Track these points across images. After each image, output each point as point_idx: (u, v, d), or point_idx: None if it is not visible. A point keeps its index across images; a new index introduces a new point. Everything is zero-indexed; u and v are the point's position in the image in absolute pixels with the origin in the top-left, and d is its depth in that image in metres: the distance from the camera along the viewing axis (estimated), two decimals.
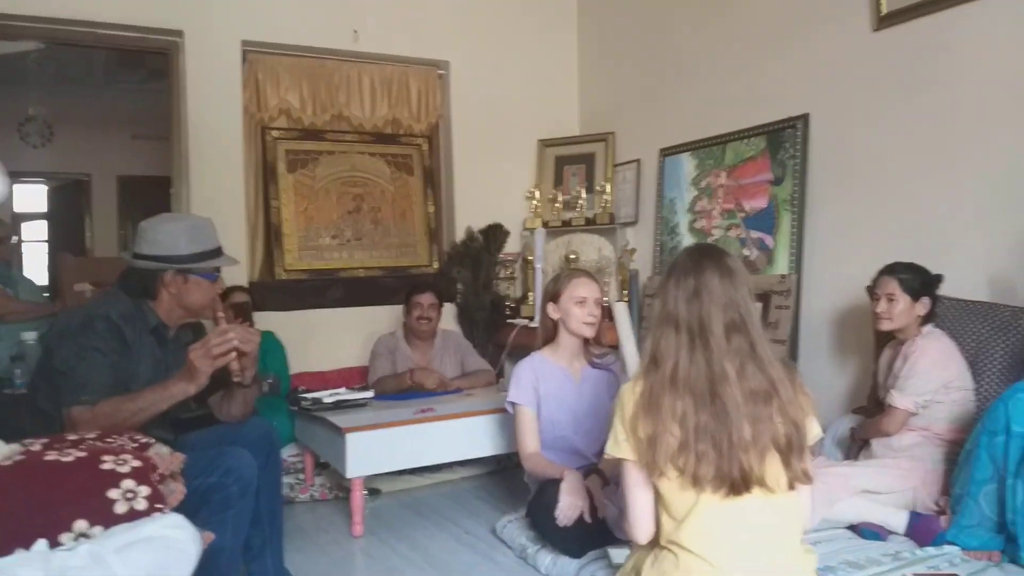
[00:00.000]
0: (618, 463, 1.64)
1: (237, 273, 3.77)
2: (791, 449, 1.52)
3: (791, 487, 1.54)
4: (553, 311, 2.60)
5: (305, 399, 3.19)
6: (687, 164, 3.97)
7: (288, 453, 3.44)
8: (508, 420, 2.97)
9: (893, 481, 2.42)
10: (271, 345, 3.66)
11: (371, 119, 4.36)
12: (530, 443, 2.55)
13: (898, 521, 2.32)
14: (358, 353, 4.09)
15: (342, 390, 3.27)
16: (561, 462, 2.52)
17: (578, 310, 2.55)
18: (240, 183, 4.01)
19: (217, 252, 2.13)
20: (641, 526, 1.63)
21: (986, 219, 2.75)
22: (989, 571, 2.05)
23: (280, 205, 4.12)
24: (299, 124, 4.24)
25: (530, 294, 4.33)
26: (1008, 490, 2.08)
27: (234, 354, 1.95)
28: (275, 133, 4.19)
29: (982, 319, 2.62)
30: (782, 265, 3.40)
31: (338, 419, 2.90)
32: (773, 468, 1.52)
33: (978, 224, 2.78)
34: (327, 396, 3.17)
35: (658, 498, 1.62)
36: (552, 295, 2.60)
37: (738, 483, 1.50)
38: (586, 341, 2.65)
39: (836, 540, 2.29)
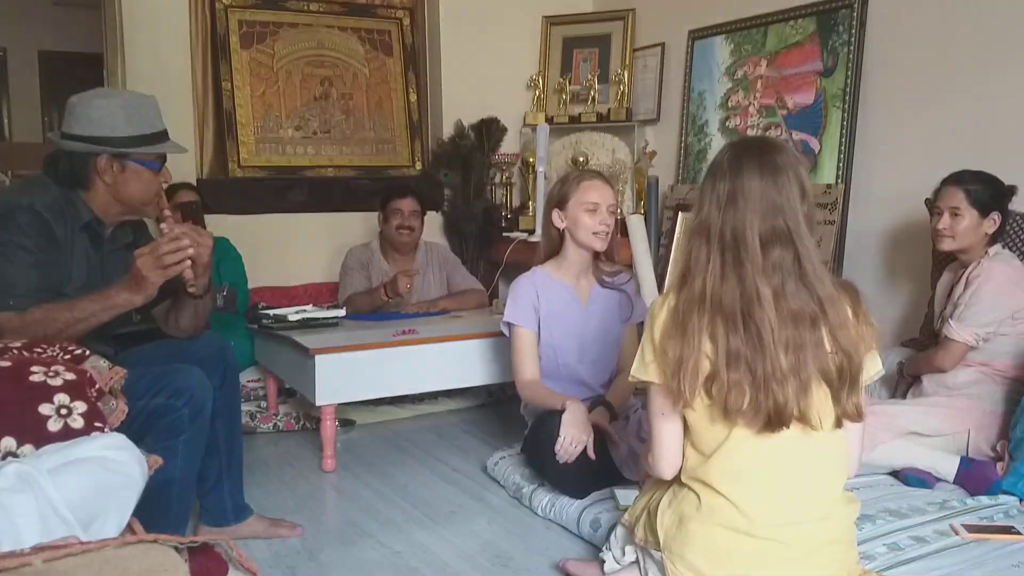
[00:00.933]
0: (643, 391, 1.66)
1: (184, 167, 3.71)
2: (842, 381, 1.52)
3: (838, 424, 1.55)
4: (558, 219, 2.57)
5: (267, 316, 3.20)
6: (720, 50, 3.88)
7: (248, 378, 3.46)
8: (502, 346, 2.98)
9: (944, 422, 2.45)
10: (225, 253, 3.64)
11: None
12: (528, 369, 2.56)
13: (948, 467, 2.36)
14: (326, 267, 4.09)
15: (309, 307, 3.28)
16: (563, 392, 2.53)
17: (588, 218, 2.52)
18: (185, 61, 3.92)
19: (162, 136, 2.07)
20: (667, 458, 1.65)
21: None
22: None
23: (233, 88, 4.03)
24: None
25: (530, 203, 4.30)
26: None
27: (188, 263, 1.93)
28: (226, 0, 4.06)
29: None
30: (828, 173, 3.37)
31: (306, 339, 2.91)
32: (819, 402, 1.53)
33: None
34: (292, 313, 3.17)
35: (684, 429, 1.64)
36: (558, 200, 2.57)
37: (773, 418, 1.51)
38: (596, 256, 2.63)
39: (876, 486, 2.34)
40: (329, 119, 4.24)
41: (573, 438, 2.28)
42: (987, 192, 2.50)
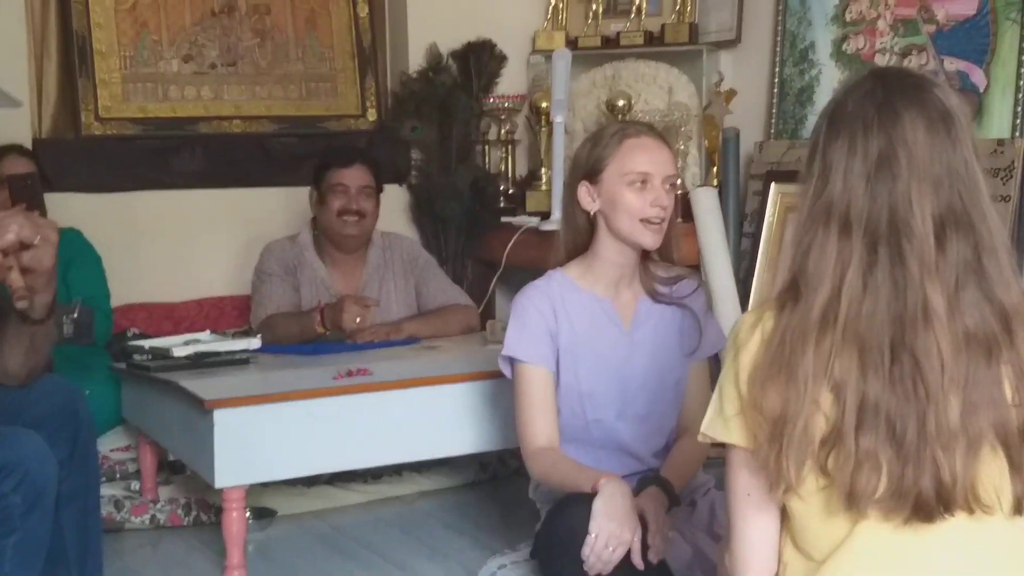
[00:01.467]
0: (719, 460, 1.66)
1: (13, 124, 3.72)
2: (1022, 443, 1.51)
3: (1018, 510, 1.54)
4: (588, 197, 2.56)
5: (140, 350, 3.19)
6: None
7: (112, 446, 3.44)
8: (501, 393, 2.97)
9: None
10: (78, 253, 3.64)
11: None
12: (542, 429, 2.54)
13: None
14: (231, 273, 4.10)
15: (205, 335, 3.27)
16: (596, 465, 2.53)
17: (634, 197, 2.51)
18: None
19: None
20: (754, 565, 1.64)
21: None
22: None
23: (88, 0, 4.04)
24: None
25: (543, 171, 4.30)
26: None
27: (12, 262, 1.93)
28: None
29: None
30: (1000, 122, 3.40)
31: (200, 386, 2.89)
32: (992, 475, 1.52)
33: None
34: (179, 345, 3.16)
35: (784, 522, 1.63)
36: (588, 169, 2.56)
37: (929, 502, 1.49)
38: (645, 255, 2.63)
39: None
40: (235, 45, 4.26)
41: (610, 537, 2.26)
42: None
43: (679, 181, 2.63)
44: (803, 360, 1.52)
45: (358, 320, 3.43)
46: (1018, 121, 3.35)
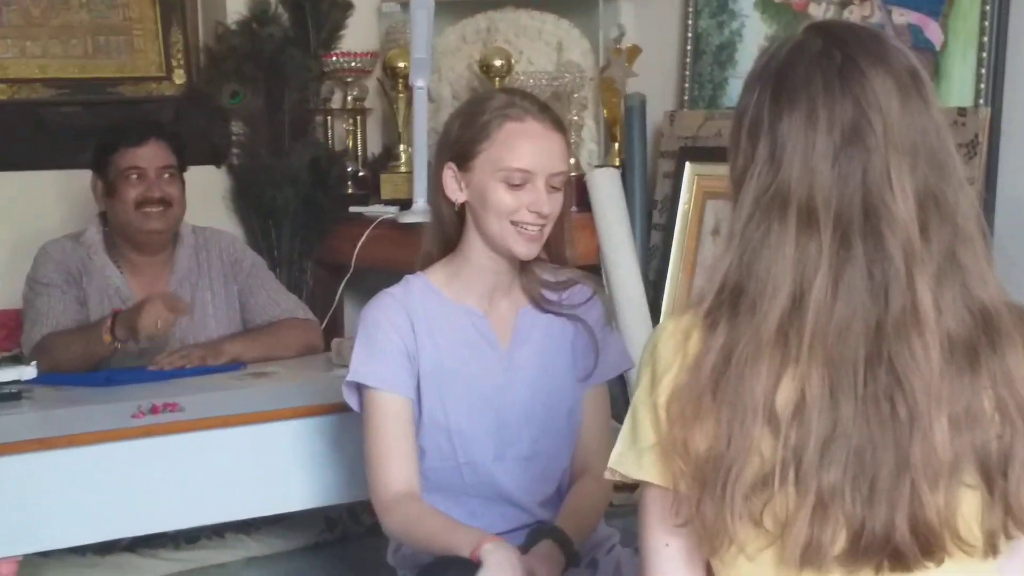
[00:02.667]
0: (625, 507, 1.68)
1: None
2: (1007, 469, 1.56)
3: (990, 548, 1.58)
4: (453, 184, 2.57)
5: None
6: None
7: None
8: (352, 429, 2.97)
9: None
10: None
11: None
12: (397, 473, 2.55)
13: None
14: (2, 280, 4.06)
15: None
16: (470, 519, 2.55)
17: (507, 196, 2.52)
18: None
19: None
20: None
21: None
22: None
23: None
24: None
25: (402, 148, 4.32)
26: None
27: None
28: None
29: None
30: (961, 88, 3.49)
31: None
32: (969, 508, 1.56)
33: None
34: None
35: None
36: (455, 151, 2.58)
37: (908, 548, 1.53)
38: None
39: None
40: None
41: None
42: None
43: (572, 162, 2.64)
44: (754, 386, 1.54)
45: (159, 324, 3.39)
46: (982, 86, 3.43)
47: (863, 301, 1.53)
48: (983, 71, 3.44)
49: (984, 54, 3.44)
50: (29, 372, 3.20)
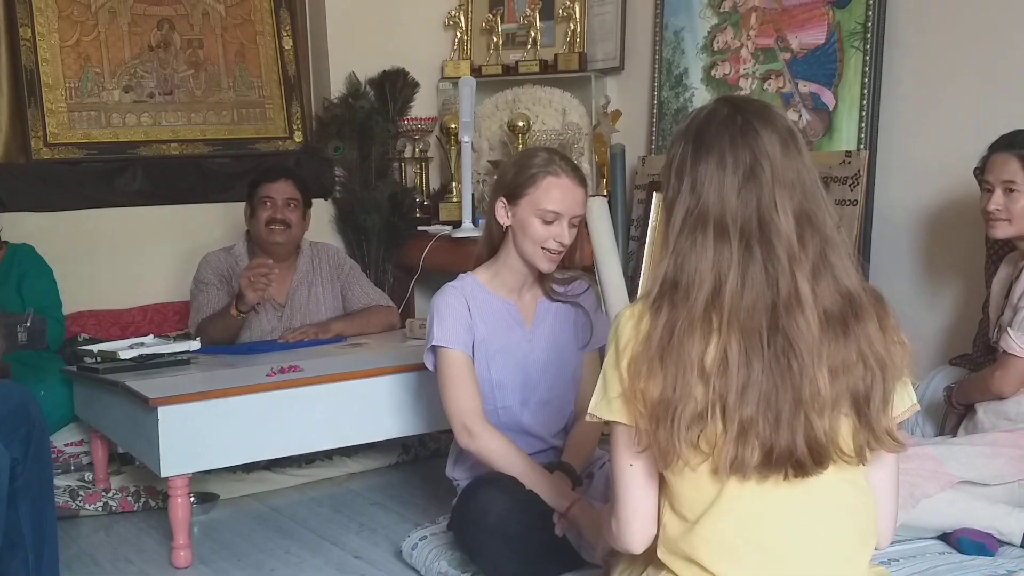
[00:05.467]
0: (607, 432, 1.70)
1: None
2: (872, 403, 1.58)
3: (861, 458, 1.61)
4: (503, 213, 2.57)
5: (90, 354, 3.15)
6: None
7: (66, 440, 3.39)
8: (420, 384, 2.99)
9: (1007, 466, 2.53)
10: (30, 266, 3.58)
11: None
12: (468, 402, 2.53)
13: (1013, 526, 2.44)
14: (174, 281, 4.05)
15: (149, 339, 3.23)
16: None
17: (541, 229, 2.53)
18: None
19: None
20: (635, 528, 1.68)
21: None
22: None
23: (35, 36, 3.98)
24: None
25: (454, 184, 4.31)
26: None
27: None
28: None
29: None
30: (847, 137, 3.45)
31: (145, 385, 2.86)
32: (846, 430, 1.59)
33: None
34: (126, 349, 3.12)
35: (662, 489, 1.67)
36: (509, 189, 2.57)
37: (805, 460, 1.55)
38: None
39: (922, 556, 2.40)
40: (171, 76, 4.21)
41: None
42: None
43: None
44: (690, 349, 1.57)
45: (262, 288, 3.39)
46: (862, 135, 3.43)
47: (762, 289, 1.58)
48: (863, 124, 3.43)
49: (863, 113, 3.44)
50: (195, 345, 3.23)
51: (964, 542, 2.45)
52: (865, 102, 3.43)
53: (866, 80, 3.43)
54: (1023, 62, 3.12)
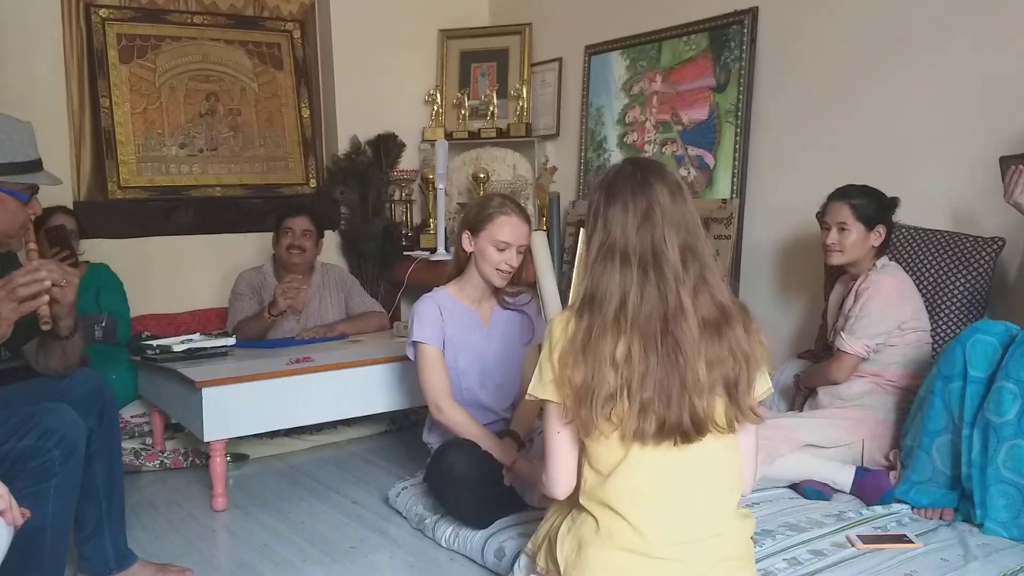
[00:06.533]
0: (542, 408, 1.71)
1: (59, 190, 3.56)
2: (740, 387, 1.60)
3: (731, 429, 1.62)
4: (467, 242, 2.58)
5: (150, 347, 3.12)
6: (617, 65, 3.97)
7: (132, 413, 3.35)
8: (404, 371, 2.98)
9: (839, 433, 2.57)
10: (106, 280, 3.55)
11: None
12: (440, 384, 2.54)
13: (844, 478, 2.47)
14: (215, 292, 4.00)
15: (196, 336, 3.22)
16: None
17: (495, 255, 2.54)
18: (59, 76, 3.82)
19: (35, 166, 2.01)
20: (561, 480, 1.69)
21: (947, 137, 2.89)
22: (940, 531, 2.21)
23: (112, 105, 3.94)
24: (135, 0, 4.06)
25: (431, 220, 4.30)
26: (964, 441, 2.23)
27: (46, 297, 1.86)
28: (103, 12, 3.97)
29: (941, 251, 2.77)
30: (723, 188, 3.49)
31: (191, 371, 2.85)
32: (718, 408, 1.61)
33: (939, 143, 2.91)
34: (177, 343, 3.10)
35: (582, 450, 1.67)
36: (472, 224, 2.57)
37: (690, 430, 1.57)
38: None
39: (776, 500, 2.43)
40: (216, 136, 4.17)
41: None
42: (872, 205, 2.64)
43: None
44: (603, 348, 1.58)
45: (290, 298, 3.39)
46: (735, 187, 3.45)
47: (656, 303, 1.60)
48: (735, 179, 3.45)
49: (735, 170, 3.46)
50: (231, 341, 3.21)
51: (808, 490, 2.48)
52: (736, 162, 3.46)
53: (737, 146, 3.46)
54: (852, 135, 3.17)
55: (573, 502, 1.71)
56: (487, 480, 2.35)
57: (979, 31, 2.79)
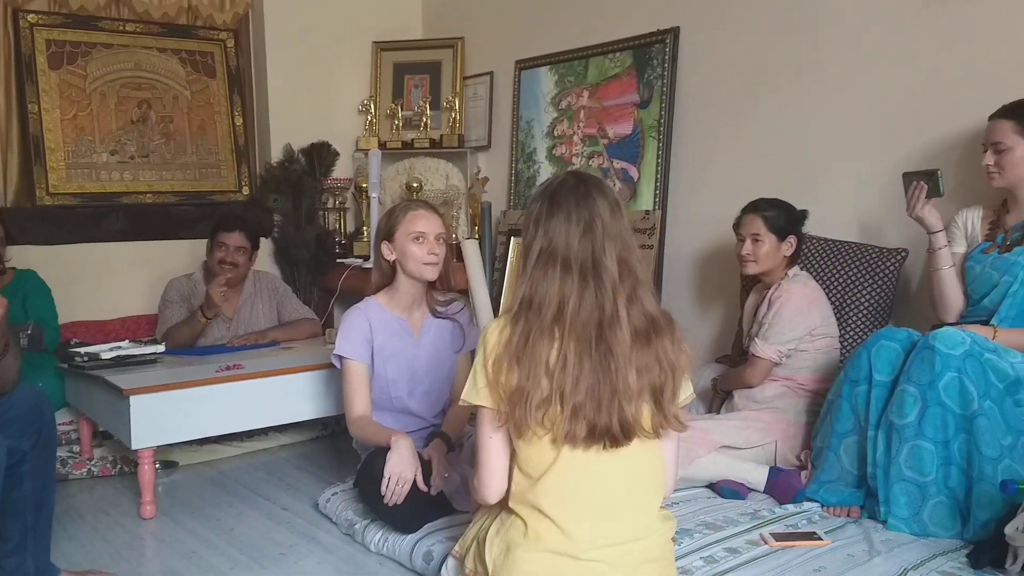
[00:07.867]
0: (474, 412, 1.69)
1: None
2: (666, 394, 1.62)
3: (656, 434, 1.64)
4: (388, 251, 2.55)
5: (78, 355, 3.02)
6: (546, 80, 4.00)
7: (59, 421, 3.21)
8: (334, 377, 2.92)
9: (754, 435, 2.62)
10: (33, 287, 3.42)
11: (160, 5, 4.13)
12: (358, 404, 2.52)
13: (758, 477, 2.52)
14: (145, 299, 3.91)
15: (125, 343, 3.13)
16: (397, 426, 2.51)
17: (416, 248, 2.51)
18: None
19: None
20: (492, 485, 1.68)
21: (855, 153, 2.98)
22: (847, 528, 2.28)
23: (41, 111, 3.82)
24: (64, 6, 3.95)
25: (365, 228, 4.26)
26: (869, 442, 2.30)
27: None
28: (32, 18, 3.86)
29: (848, 261, 2.86)
30: (646, 200, 3.53)
31: (120, 379, 2.77)
32: (645, 414, 1.62)
33: (847, 158, 3.00)
34: (106, 351, 3.01)
35: (512, 455, 1.67)
36: (386, 232, 2.55)
37: (618, 435, 1.58)
38: (430, 286, 2.62)
39: (695, 500, 2.47)
40: (148, 143, 4.07)
41: (398, 477, 2.26)
42: (783, 217, 2.71)
43: (452, 236, 2.64)
44: (538, 351, 1.58)
45: (222, 295, 3.39)
46: (657, 199, 3.50)
47: (593, 310, 1.60)
48: (657, 191, 3.49)
49: (658, 183, 3.50)
50: (160, 348, 3.13)
51: (724, 490, 2.52)
52: (659, 175, 3.50)
53: (660, 160, 3.51)
54: (766, 150, 3.24)
55: (502, 506, 1.70)
56: (416, 486, 2.32)
57: (886, 53, 2.88)
